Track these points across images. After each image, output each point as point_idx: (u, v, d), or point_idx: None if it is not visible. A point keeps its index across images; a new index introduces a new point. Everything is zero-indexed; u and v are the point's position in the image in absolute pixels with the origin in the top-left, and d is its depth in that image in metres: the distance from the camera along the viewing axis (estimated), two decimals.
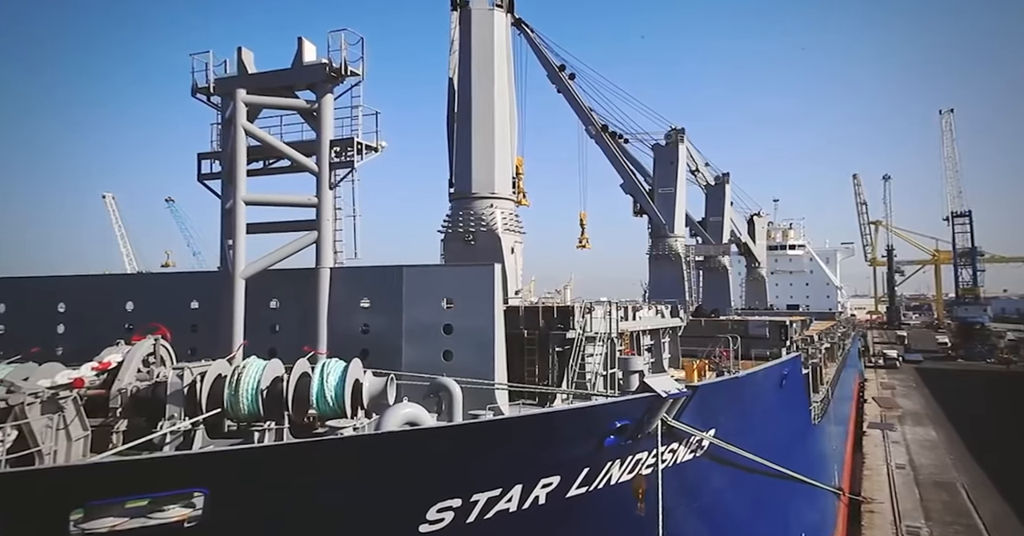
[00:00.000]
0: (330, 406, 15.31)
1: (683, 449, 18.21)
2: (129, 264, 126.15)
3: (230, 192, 20.22)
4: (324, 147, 20.76)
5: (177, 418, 14.79)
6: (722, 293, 76.63)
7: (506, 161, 38.94)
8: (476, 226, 38.29)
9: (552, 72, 60.18)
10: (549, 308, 22.98)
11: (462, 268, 20.47)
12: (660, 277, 66.06)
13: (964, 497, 46.30)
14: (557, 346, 22.35)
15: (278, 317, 21.36)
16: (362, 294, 20.52)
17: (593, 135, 63.62)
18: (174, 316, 21.21)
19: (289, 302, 21.27)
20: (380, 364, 18.76)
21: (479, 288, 19.15)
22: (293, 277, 21.27)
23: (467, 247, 38.67)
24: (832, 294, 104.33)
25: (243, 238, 19.99)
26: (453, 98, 41.38)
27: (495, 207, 38.42)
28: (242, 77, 20.81)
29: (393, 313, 19.81)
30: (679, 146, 66.38)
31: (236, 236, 19.85)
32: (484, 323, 18.96)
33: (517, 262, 39.64)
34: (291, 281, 21.30)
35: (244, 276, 19.89)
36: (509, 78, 39.84)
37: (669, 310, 32.38)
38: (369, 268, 21.02)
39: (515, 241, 39.36)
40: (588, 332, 22.45)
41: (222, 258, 20.75)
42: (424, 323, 19.45)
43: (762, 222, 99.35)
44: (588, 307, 23.06)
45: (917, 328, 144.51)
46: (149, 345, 16.29)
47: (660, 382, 15.76)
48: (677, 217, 65.68)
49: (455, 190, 39.23)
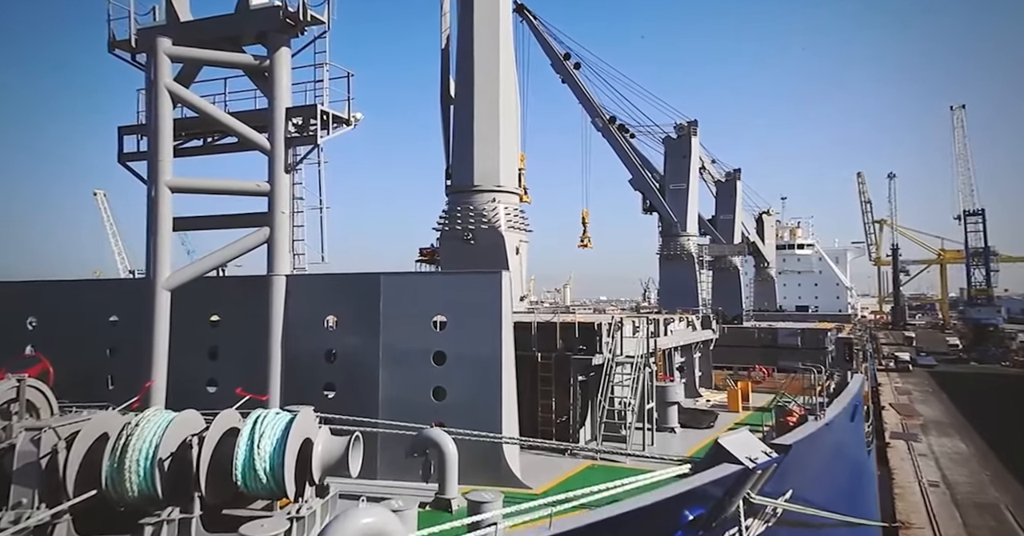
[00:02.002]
0: (262, 483, 10.11)
1: (757, 524, 13.04)
2: (121, 263, 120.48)
3: (152, 176, 14.97)
4: (278, 118, 15.52)
5: (27, 506, 9.60)
6: (733, 295, 71.42)
7: (512, 149, 33.70)
8: (476, 223, 33.05)
9: (556, 61, 54.97)
10: (569, 325, 17.76)
11: (459, 277, 15.25)
12: (671, 278, 60.81)
13: (1012, 521, 41.08)
14: (580, 373, 17.14)
15: (219, 338, 16.12)
16: (328, 309, 15.33)
17: (600, 128, 58.41)
18: (89, 336, 16.03)
19: (234, 319, 16.05)
20: (348, 405, 13.63)
21: (481, 303, 13.96)
22: (239, 287, 16.08)
23: (466, 247, 33.42)
24: (842, 295, 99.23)
25: (167, 236, 14.74)
26: (447, 73, 36.06)
27: (498, 202, 33.19)
28: (170, 26, 15.56)
29: (367, 335, 14.63)
30: (692, 139, 61.07)
31: (158, 234, 14.61)
32: (488, 350, 13.79)
33: (522, 263, 34.39)
34: (237, 291, 16.10)
35: (169, 287, 14.63)
36: (513, 55, 34.69)
37: (700, 320, 27.18)
38: (337, 276, 15.85)
39: (520, 240, 34.12)
40: (619, 356, 17.27)
41: (147, 262, 15.49)
42: (408, 349, 14.28)
43: (771, 220, 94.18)
44: (618, 323, 17.89)
45: (923, 328, 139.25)
46: (8, 389, 11.07)
47: (742, 445, 10.62)
48: (689, 215, 60.35)
49: (453, 182, 33.94)
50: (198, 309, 15.86)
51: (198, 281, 15.19)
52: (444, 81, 35.87)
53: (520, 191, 34.23)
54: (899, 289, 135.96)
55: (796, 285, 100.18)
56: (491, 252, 33.03)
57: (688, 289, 59.35)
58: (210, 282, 15.78)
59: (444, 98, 35.76)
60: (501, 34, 32.83)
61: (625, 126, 60.13)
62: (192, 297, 15.31)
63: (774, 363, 38.97)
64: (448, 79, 35.74)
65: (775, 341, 37.80)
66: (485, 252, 33.06)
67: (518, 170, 33.82)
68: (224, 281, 16.05)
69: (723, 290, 68.93)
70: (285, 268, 15.45)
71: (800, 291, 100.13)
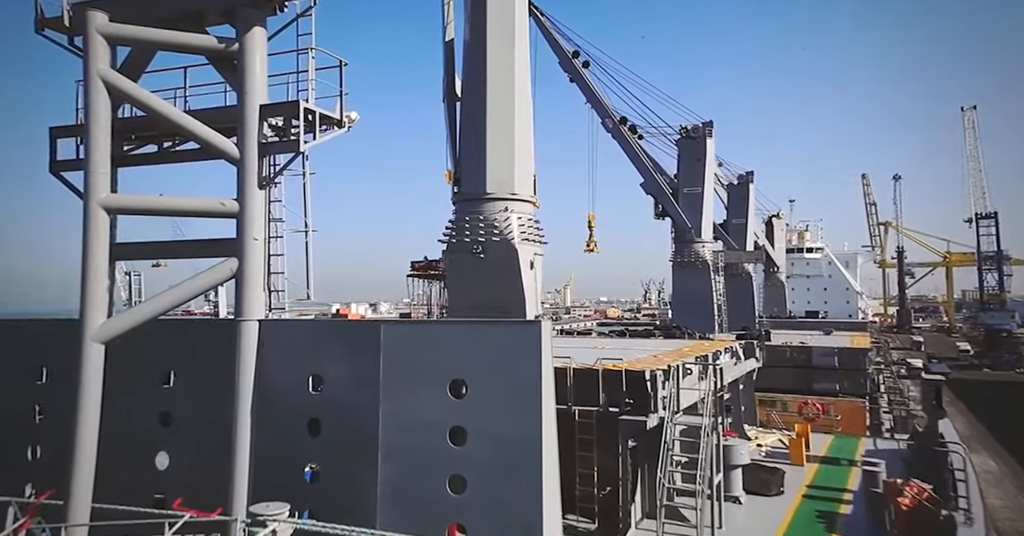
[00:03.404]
0: None
1: None
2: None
3: (85, 192, 11.32)
4: (249, 117, 11.84)
5: None
6: (745, 302, 67.81)
7: (527, 153, 29.96)
8: (487, 235, 29.32)
9: (564, 59, 51.21)
10: (613, 373, 14.08)
11: (484, 327, 11.52)
12: (685, 286, 57.11)
13: None
14: (630, 437, 13.48)
15: (173, 401, 12.46)
16: (312, 366, 11.66)
17: (610, 129, 54.61)
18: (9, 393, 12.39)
19: (192, 376, 12.39)
20: (336, 498, 10.02)
21: (515, 363, 10.32)
22: (200, 332, 12.42)
23: (475, 261, 29.76)
24: (852, 300, 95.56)
25: (101, 272, 11.10)
26: (452, 68, 32.27)
27: (511, 211, 29.51)
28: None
29: (363, 403, 10.99)
30: (707, 141, 57.34)
31: (89, 268, 10.95)
32: (524, 427, 10.14)
33: (537, 279, 30.76)
34: (197, 339, 12.44)
35: (102, 339, 10.96)
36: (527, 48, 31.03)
37: (743, 348, 23.54)
38: (325, 323, 12.25)
39: (535, 253, 30.38)
40: (679, 416, 13.63)
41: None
42: (417, 423, 10.65)
43: (780, 224, 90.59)
44: (676, 368, 14.25)
45: (928, 332, 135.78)
46: None
47: None
48: (704, 220, 56.67)
49: (461, 189, 30.25)
50: (147, 361, 12.21)
51: (149, 323, 11.54)
52: (449, 77, 32.13)
53: (535, 199, 30.61)
54: (904, 292, 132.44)
55: (805, 289, 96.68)
56: (503, 267, 29.35)
57: (702, 298, 55.74)
58: (165, 326, 12.10)
59: (449, 95, 32.01)
60: (517, 26, 29.17)
61: (636, 127, 56.58)
62: (139, 345, 11.68)
63: (809, 385, 35.41)
64: (453, 74, 32.02)
65: (809, 361, 34.22)
66: (496, 267, 29.37)
67: (533, 176, 30.24)
68: (182, 326, 12.38)
69: (735, 297, 65.14)
70: (257, 311, 11.77)
71: (809, 296, 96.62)
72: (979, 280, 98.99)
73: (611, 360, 16.06)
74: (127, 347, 11.46)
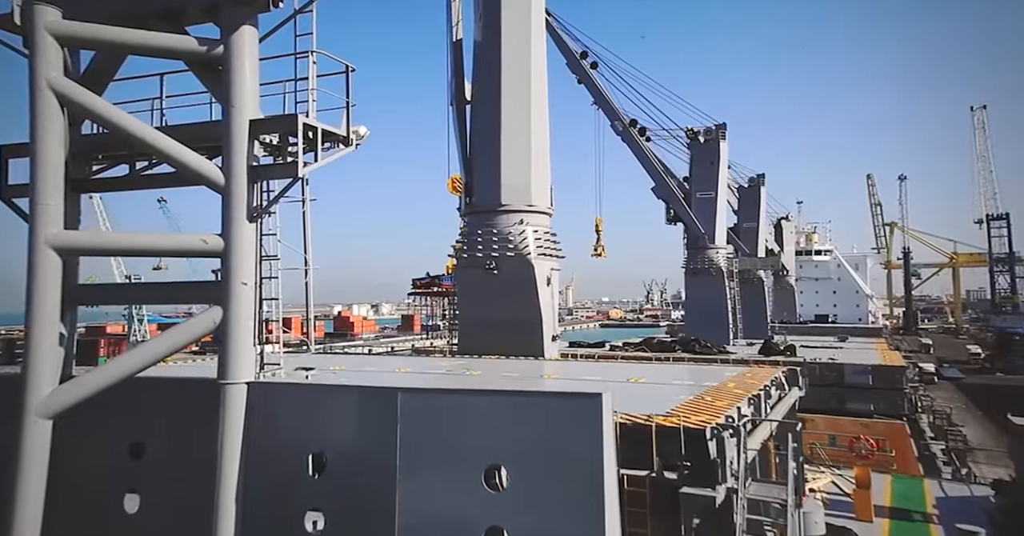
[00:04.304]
0: None
1: None
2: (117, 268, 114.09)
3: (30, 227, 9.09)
4: (237, 135, 9.61)
5: None
6: (758, 308, 65.50)
7: (544, 162, 27.68)
8: (501, 249, 27.08)
9: (572, 60, 49.04)
10: (670, 431, 11.80)
11: (529, 399, 9.24)
12: (699, 293, 54.86)
13: None
14: (695, 514, 11.23)
15: (142, 477, 10.20)
16: (310, 444, 9.42)
17: (620, 131, 52.47)
18: None
19: (167, 448, 10.14)
20: None
21: (567, 447, 8.09)
22: (177, 395, 10.18)
23: (488, 277, 27.51)
24: (862, 303, 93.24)
25: (52, 323, 8.85)
26: (460, 70, 29.91)
27: (526, 223, 27.27)
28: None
29: (374, 491, 8.75)
30: (720, 144, 54.99)
31: (33, 320, 8.72)
32: (580, 531, 7.89)
33: (554, 296, 28.50)
34: (173, 403, 10.20)
35: (49, 414, 8.73)
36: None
37: (785, 375, 21.28)
38: (329, 389, 9.99)
39: (552, 268, 28.15)
40: (753, 487, 11.40)
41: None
42: (443, 519, 8.40)
43: (790, 226, 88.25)
44: (744, 424, 12.04)
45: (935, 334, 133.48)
46: None
47: None
48: (718, 226, 54.39)
49: (474, 201, 28.01)
50: (113, 429, 9.98)
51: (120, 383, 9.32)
52: (458, 80, 29.85)
53: (551, 210, 28.35)
54: (911, 293, 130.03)
55: (814, 292, 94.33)
56: (518, 283, 27.11)
57: (717, 305, 53.55)
58: (136, 385, 9.85)
59: (458, 99, 29.73)
60: (533, 25, 26.88)
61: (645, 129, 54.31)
62: (104, 409, 9.46)
63: (841, 405, 33.18)
64: (462, 77, 29.76)
65: (841, 380, 31.89)
66: (511, 283, 27.13)
67: (550, 186, 27.98)
68: (156, 386, 10.14)
69: (747, 303, 62.77)
70: (246, 371, 9.54)
71: (818, 299, 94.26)
72: (990, 283, 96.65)
73: (661, 414, 13.81)
74: (87, 412, 9.24)
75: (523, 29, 26.68)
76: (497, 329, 27.16)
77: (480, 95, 27.92)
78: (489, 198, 27.03)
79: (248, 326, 9.56)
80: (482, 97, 27.66)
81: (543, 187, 27.46)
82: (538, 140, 27.16)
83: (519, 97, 26.60)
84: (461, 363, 24.16)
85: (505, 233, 27.06)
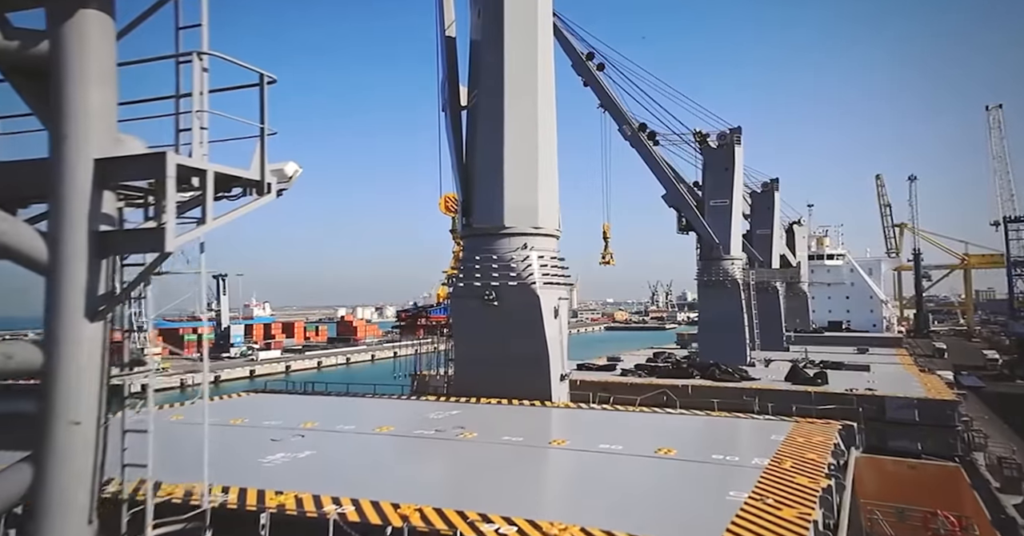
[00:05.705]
0: None
1: None
2: None
3: None
4: (70, 182, 5.92)
5: None
6: (772, 318, 61.60)
7: (551, 179, 23.89)
8: (502, 277, 23.37)
9: (578, 62, 45.38)
10: None
11: None
12: (713, 306, 50.87)
13: None
14: None
15: None
16: None
17: (628, 136, 48.73)
18: None
19: None
20: None
21: None
22: None
23: (487, 309, 23.80)
24: (876, 308, 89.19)
25: None
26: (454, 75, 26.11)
27: (531, 248, 23.56)
28: None
29: None
30: (735, 149, 51.10)
31: None
32: None
33: (562, 329, 24.75)
34: None
35: None
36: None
37: (842, 434, 17.57)
38: None
39: (560, 297, 24.39)
40: None
41: None
42: None
43: (802, 231, 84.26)
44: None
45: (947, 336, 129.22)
46: None
47: None
48: (733, 235, 50.47)
49: (472, 221, 24.34)
50: None
51: None
52: (452, 84, 26.15)
53: (559, 232, 24.64)
54: (922, 295, 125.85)
55: (826, 298, 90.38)
56: (521, 316, 23.33)
57: (733, 320, 49.64)
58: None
59: (452, 106, 26.03)
60: (540, 24, 23.04)
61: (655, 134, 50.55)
62: None
63: (882, 444, 29.44)
64: (456, 82, 26.05)
65: (882, 413, 28.13)
66: (514, 316, 23.36)
67: (558, 205, 24.20)
68: None
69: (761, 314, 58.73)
70: None
71: (831, 304, 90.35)
72: (1008, 286, 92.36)
73: None
74: None
75: (529, 26, 22.91)
76: (498, 367, 23.45)
77: (479, 101, 24.22)
78: (490, 219, 23.32)
79: (82, 502, 5.87)
80: (482, 103, 23.96)
81: (551, 207, 23.73)
82: (545, 153, 23.42)
83: (525, 103, 22.87)
84: (455, 414, 20.52)
85: (507, 259, 23.37)
